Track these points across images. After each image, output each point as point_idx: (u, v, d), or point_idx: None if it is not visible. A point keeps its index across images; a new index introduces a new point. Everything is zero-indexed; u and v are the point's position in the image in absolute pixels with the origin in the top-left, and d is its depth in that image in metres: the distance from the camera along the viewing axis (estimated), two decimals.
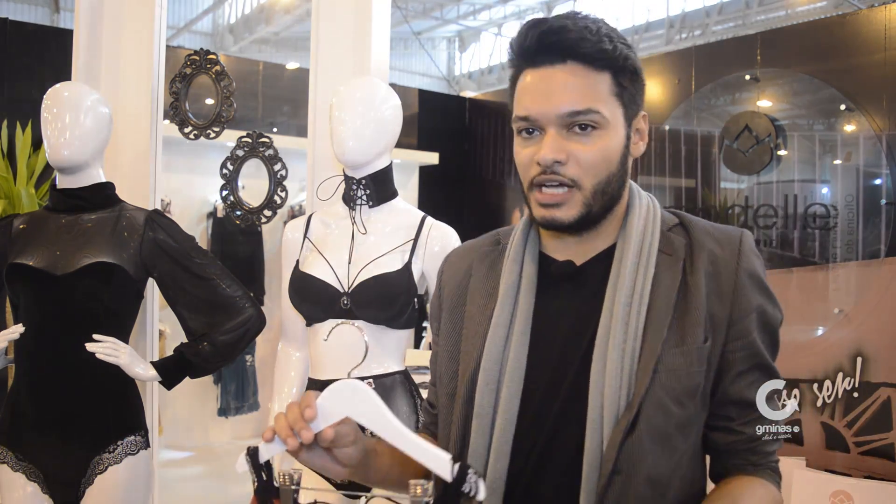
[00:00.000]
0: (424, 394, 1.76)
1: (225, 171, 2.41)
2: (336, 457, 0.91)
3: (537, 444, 0.95)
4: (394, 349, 1.82)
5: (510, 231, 1.09)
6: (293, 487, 0.85)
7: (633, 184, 1.03)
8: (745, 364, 0.95)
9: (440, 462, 0.81)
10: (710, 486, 1.01)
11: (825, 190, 3.87)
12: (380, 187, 1.84)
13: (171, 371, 1.89)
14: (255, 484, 0.86)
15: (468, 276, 1.08)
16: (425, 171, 6.08)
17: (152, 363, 1.88)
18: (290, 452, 0.87)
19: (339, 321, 1.74)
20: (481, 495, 0.79)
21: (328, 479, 1.83)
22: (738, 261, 0.96)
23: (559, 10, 10.92)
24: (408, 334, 1.87)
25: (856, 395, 3.37)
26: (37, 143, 3.70)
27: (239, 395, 5.02)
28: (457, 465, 0.79)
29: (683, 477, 0.95)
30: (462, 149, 6.36)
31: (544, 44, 0.93)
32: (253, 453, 0.87)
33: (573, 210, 0.94)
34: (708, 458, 1.03)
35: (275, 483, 0.86)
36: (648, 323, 0.93)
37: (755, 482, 0.97)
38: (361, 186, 1.83)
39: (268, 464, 0.87)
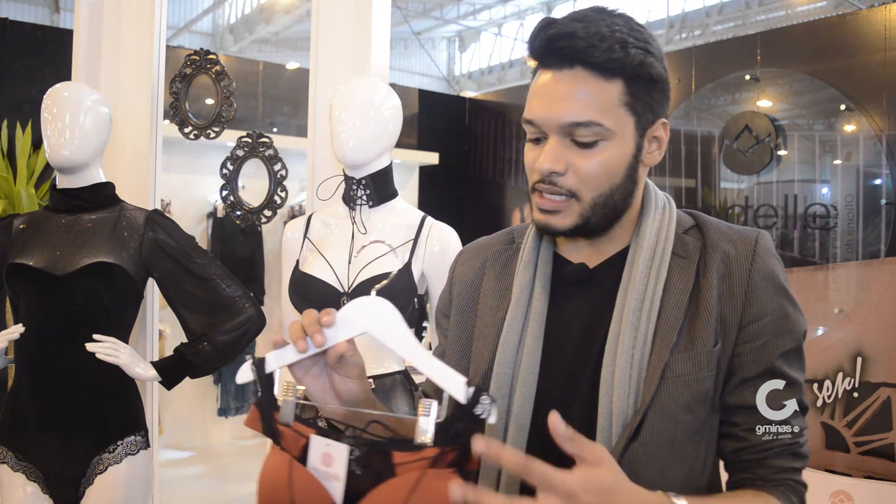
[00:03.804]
0: None
1: (225, 171, 2.41)
2: (337, 388, 0.89)
3: (553, 451, 0.92)
4: None
5: (525, 229, 1.07)
6: (295, 400, 0.83)
7: (649, 183, 1.00)
8: (754, 369, 0.91)
9: (455, 384, 0.80)
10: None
11: (825, 190, 3.87)
12: (380, 187, 1.84)
13: (171, 371, 1.89)
14: (258, 395, 0.84)
15: (481, 275, 1.07)
16: (425, 171, 6.08)
17: (152, 363, 1.88)
18: (294, 372, 0.85)
19: None
20: (493, 419, 0.78)
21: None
22: (752, 261, 0.93)
23: (559, 10, 10.93)
24: None
25: (856, 395, 3.37)
26: (37, 143, 3.70)
27: (239, 395, 5.03)
28: (471, 388, 0.79)
29: (694, 487, 0.91)
30: (462, 149, 6.36)
31: (552, 48, 0.90)
32: (259, 363, 0.84)
33: (568, 219, 0.92)
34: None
35: (276, 395, 0.84)
36: (658, 328, 0.91)
37: (752, 496, 0.91)
38: (361, 186, 1.83)
39: (270, 376, 0.85)
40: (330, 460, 0.78)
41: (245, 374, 0.85)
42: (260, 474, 0.82)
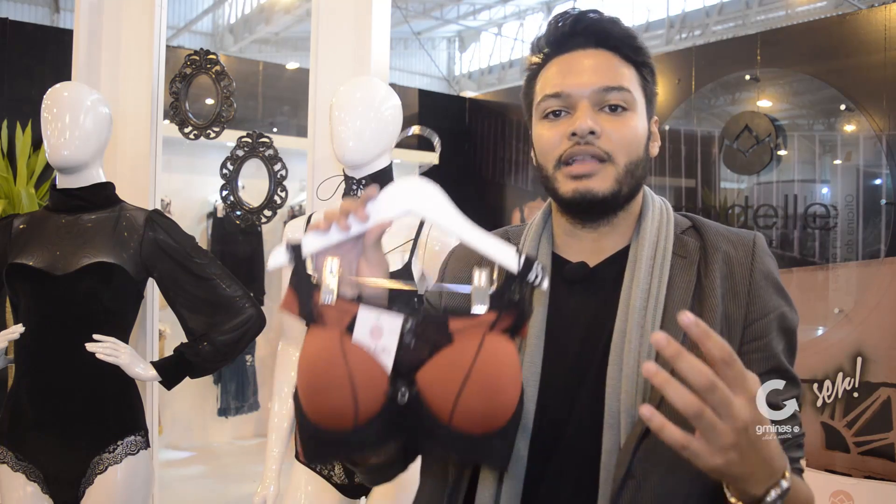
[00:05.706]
0: None
1: (225, 171, 2.41)
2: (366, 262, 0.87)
3: (557, 449, 0.93)
4: None
5: (520, 231, 1.08)
6: (338, 276, 0.80)
7: (645, 186, 1.03)
8: (759, 367, 0.92)
9: (508, 254, 0.82)
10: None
11: (825, 190, 3.88)
12: (380, 187, 1.84)
13: (171, 371, 1.89)
14: (293, 276, 0.81)
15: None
16: (425, 172, 6.08)
17: (152, 363, 1.88)
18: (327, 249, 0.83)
19: None
20: (545, 284, 0.81)
21: (329, 481, 1.83)
22: (753, 261, 0.95)
23: (559, 10, 10.94)
24: None
25: (856, 395, 3.37)
26: (37, 143, 3.70)
27: (239, 395, 5.03)
28: (523, 256, 0.81)
29: (703, 481, 0.90)
30: (462, 149, 6.36)
31: (577, 29, 0.97)
32: (294, 246, 0.81)
33: (606, 183, 0.93)
34: None
35: (311, 274, 0.81)
36: (664, 327, 0.91)
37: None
38: (361, 186, 1.83)
39: (304, 262, 0.82)
40: (380, 333, 0.77)
41: (278, 257, 0.82)
42: (305, 355, 0.79)
